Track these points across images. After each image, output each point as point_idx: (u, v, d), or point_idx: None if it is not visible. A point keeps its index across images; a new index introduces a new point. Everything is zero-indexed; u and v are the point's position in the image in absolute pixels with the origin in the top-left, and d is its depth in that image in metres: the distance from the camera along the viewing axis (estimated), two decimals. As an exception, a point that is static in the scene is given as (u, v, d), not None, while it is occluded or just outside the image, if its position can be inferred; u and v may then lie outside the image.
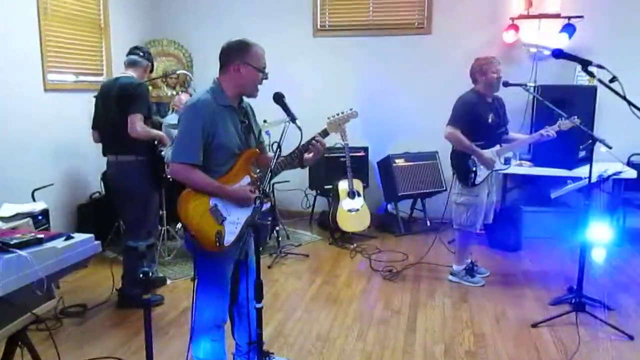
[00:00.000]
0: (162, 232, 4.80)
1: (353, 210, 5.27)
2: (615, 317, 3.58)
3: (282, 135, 2.28)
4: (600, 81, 2.54)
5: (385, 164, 5.68)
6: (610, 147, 3.27)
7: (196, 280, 2.52)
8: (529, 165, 5.28)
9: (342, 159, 5.36)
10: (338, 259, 4.88)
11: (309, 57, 6.14)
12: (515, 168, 5.24)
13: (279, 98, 2.37)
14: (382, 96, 5.96)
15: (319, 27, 6.13)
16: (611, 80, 2.43)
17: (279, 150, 2.25)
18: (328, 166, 5.57)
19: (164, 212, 4.71)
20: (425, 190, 5.71)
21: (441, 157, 5.69)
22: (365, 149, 5.87)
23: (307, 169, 5.74)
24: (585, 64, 2.60)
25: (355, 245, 5.18)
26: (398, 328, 3.50)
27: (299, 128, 2.26)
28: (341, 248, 5.17)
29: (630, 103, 2.37)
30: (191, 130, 2.34)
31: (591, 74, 2.68)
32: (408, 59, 5.94)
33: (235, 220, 2.42)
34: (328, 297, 4.02)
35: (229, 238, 2.39)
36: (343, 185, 5.28)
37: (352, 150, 5.49)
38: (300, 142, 2.42)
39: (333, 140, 5.37)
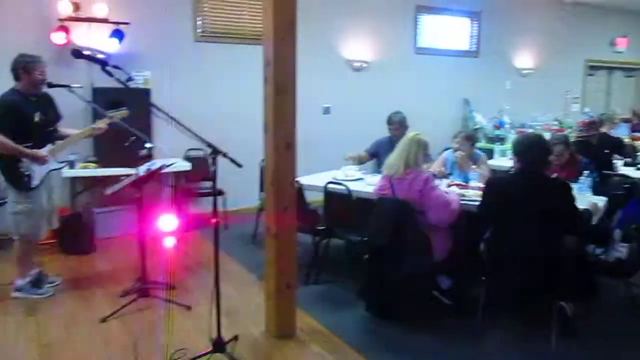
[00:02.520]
0: None
1: None
2: (178, 293, 4.00)
3: None
4: (119, 80, 2.77)
5: None
6: (150, 142, 3.59)
7: None
8: (95, 166, 5.31)
9: None
10: None
11: None
12: (81, 170, 5.20)
13: None
14: None
15: None
16: (128, 80, 2.68)
17: None
18: None
19: None
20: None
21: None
22: None
23: None
24: (103, 64, 2.78)
25: None
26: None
27: None
28: None
29: (152, 105, 2.65)
30: None
31: (109, 74, 2.87)
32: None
33: None
34: None
35: None
36: None
37: None
38: None
39: None
